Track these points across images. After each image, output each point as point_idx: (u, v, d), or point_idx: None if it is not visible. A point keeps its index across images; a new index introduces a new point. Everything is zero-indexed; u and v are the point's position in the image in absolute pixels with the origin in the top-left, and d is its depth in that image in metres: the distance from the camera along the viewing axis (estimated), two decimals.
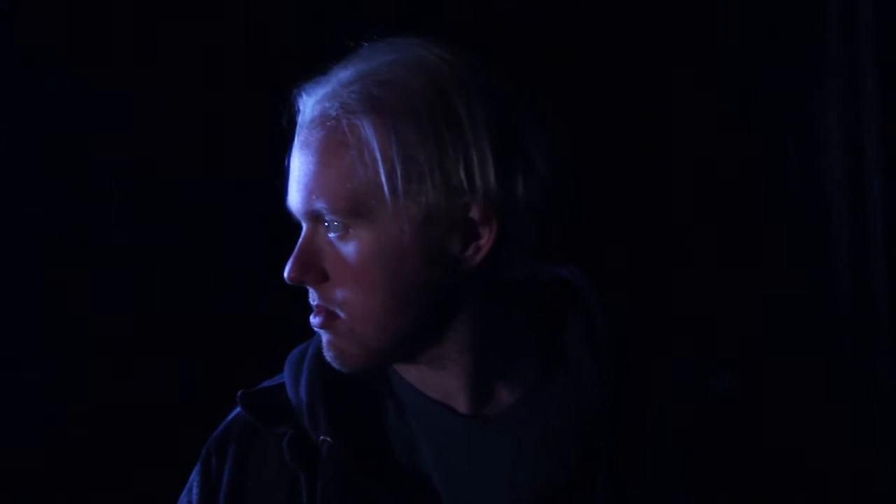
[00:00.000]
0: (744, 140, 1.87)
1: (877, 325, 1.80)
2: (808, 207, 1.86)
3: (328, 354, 1.11)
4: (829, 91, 1.82)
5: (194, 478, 1.20)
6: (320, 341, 1.14)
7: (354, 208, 1.05)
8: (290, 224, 1.12)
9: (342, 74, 1.08)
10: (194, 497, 1.18)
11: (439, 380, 1.13)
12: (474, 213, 1.05)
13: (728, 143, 1.88)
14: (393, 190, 1.04)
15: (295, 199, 1.09)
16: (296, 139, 1.10)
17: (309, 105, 1.09)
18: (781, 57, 1.85)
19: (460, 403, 1.14)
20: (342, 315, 1.08)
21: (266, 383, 1.21)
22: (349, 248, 1.06)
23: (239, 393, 1.17)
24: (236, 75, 1.81)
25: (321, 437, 1.13)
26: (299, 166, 1.09)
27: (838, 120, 1.80)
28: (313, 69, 1.11)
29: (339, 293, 1.08)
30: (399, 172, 1.03)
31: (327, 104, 1.07)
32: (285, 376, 1.19)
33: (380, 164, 1.03)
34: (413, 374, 1.15)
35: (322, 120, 1.07)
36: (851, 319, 1.83)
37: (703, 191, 1.87)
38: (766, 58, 1.85)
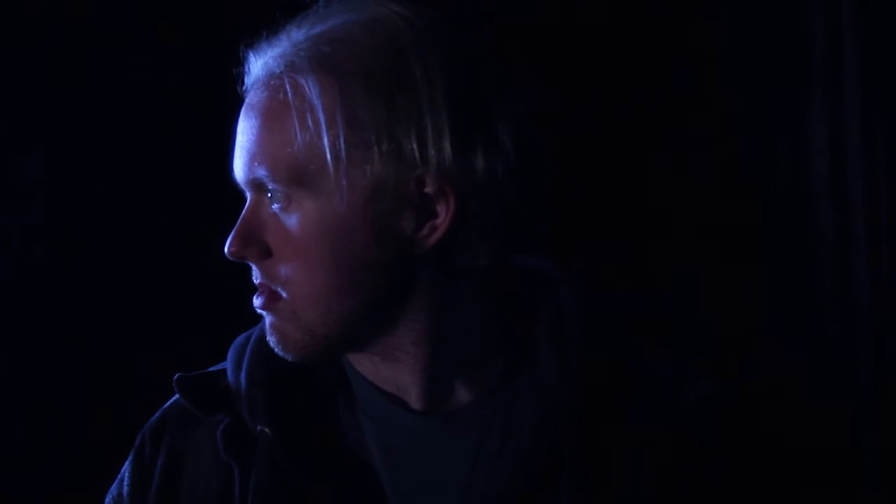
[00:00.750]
0: (735, 140, 1.88)
1: (859, 321, 1.80)
2: (795, 206, 1.86)
3: (271, 339, 1.02)
4: (814, 96, 1.85)
5: (126, 469, 1.11)
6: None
7: (296, 176, 0.96)
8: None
9: (294, 33, 1.00)
10: (125, 489, 1.10)
11: (392, 372, 1.04)
12: (429, 188, 0.96)
13: (719, 143, 1.88)
14: (336, 157, 0.94)
15: (238, 166, 1.01)
16: (242, 107, 1.02)
17: (257, 65, 1.01)
18: (771, 62, 1.88)
19: (413, 399, 1.04)
20: (285, 295, 0.99)
21: (210, 369, 1.12)
22: (292, 221, 0.97)
23: (176, 376, 1.08)
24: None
25: (258, 427, 1.04)
26: (243, 131, 1.00)
27: (826, 124, 1.84)
28: (265, 28, 1.02)
29: (282, 270, 0.99)
30: (343, 138, 0.94)
31: (273, 63, 0.98)
32: (227, 361, 1.10)
33: (323, 127, 0.94)
34: (365, 365, 1.06)
35: (266, 80, 0.98)
36: (834, 316, 1.83)
37: (689, 186, 1.86)
38: (757, 63, 1.88)
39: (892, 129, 1.77)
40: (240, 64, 1.03)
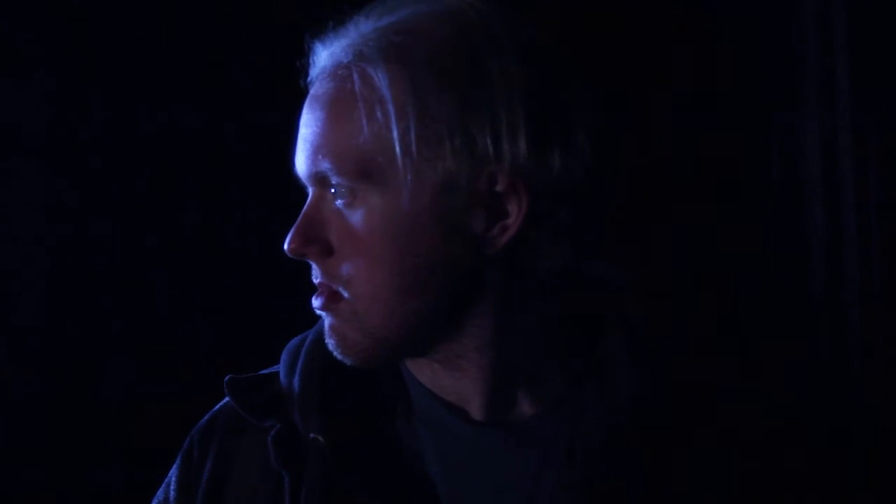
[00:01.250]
0: (732, 140, 1.92)
1: (848, 318, 1.84)
2: (789, 201, 1.91)
3: (330, 342, 0.98)
4: (808, 97, 1.89)
5: (173, 472, 1.07)
6: (322, 329, 1.01)
7: (363, 170, 0.92)
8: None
9: (362, 24, 0.96)
10: (171, 494, 1.05)
11: (453, 381, 0.99)
12: (501, 186, 0.92)
13: (717, 143, 1.91)
14: (406, 150, 0.90)
15: (300, 160, 0.97)
16: (307, 99, 0.98)
17: (323, 56, 0.97)
18: (767, 65, 1.93)
19: (475, 409, 0.99)
20: (346, 295, 0.95)
21: (262, 372, 1.07)
22: (356, 217, 0.93)
23: (227, 378, 1.04)
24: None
25: (311, 435, 0.99)
26: (306, 123, 0.96)
27: (818, 124, 1.90)
28: (333, 20, 0.99)
29: (344, 269, 0.94)
30: (414, 131, 0.90)
31: (340, 53, 0.94)
32: (281, 364, 1.05)
33: (392, 119, 0.90)
34: (425, 373, 1.01)
35: (333, 70, 0.94)
36: (825, 313, 1.87)
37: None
38: (756, 65, 1.93)
39: (882, 131, 1.82)
40: (304, 56, 1.00)
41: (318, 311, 0.98)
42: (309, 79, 0.98)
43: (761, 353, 1.70)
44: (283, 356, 1.06)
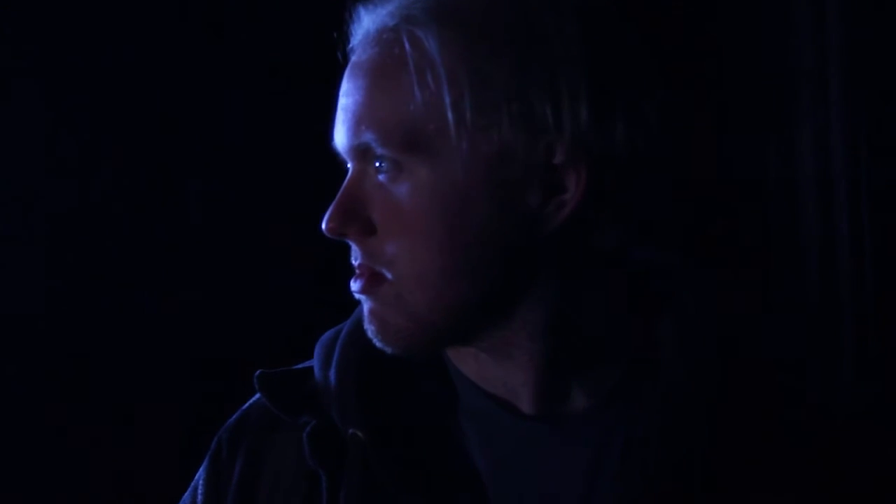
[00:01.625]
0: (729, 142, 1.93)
1: (841, 323, 1.85)
2: (784, 206, 1.92)
3: (370, 328, 0.91)
4: (801, 102, 1.90)
5: (200, 475, 1.00)
6: (360, 318, 0.94)
7: (411, 140, 0.85)
8: None
9: None
10: (199, 498, 0.98)
11: (501, 371, 0.92)
12: (559, 158, 0.85)
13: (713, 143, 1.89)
14: (460, 120, 0.83)
15: (341, 132, 0.90)
16: (347, 68, 0.91)
17: (366, 21, 0.90)
18: (762, 66, 1.94)
19: (524, 402, 0.92)
20: (389, 276, 0.88)
21: (293, 367, 1.00)
22: (401, 191, 0.86)
23: (257, 373, 0.97)
24: None
25: (350, 431, 0.92)
26: (348, 92, 0.89)
27: (810, 128, 1.90)
28: None
29: (388, 248, 0.87)
30: (469, 98, 0.83)
31: (387, 17, 0.87)
32: (315, 358, 0.98)
33: (445, 85, 0.83)
34: (470, 364, 0.94)
35: (378, 35, 0.87)
36: (819, 319, 1.87)
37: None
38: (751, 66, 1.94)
39: (874, 133, 1.82)
40: (342, 25, 0.93)
41: (357, 295, 0.91)
42: (350, 46, 0.91)
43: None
44: (317, 350, 0.99)
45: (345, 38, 0.92)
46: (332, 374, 0.95)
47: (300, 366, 1.00)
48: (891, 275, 1.81)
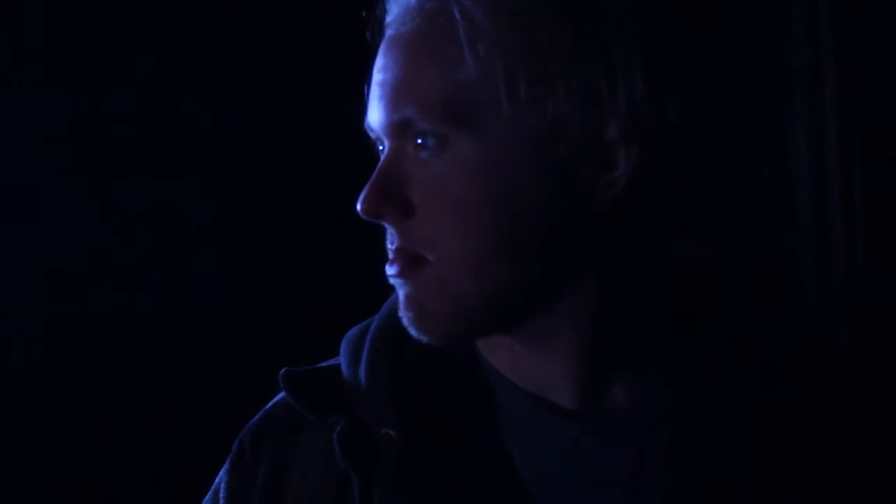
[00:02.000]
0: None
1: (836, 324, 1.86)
2: (780, 204, 1.93)
3: (406, 315, 0.85)
4: (796, 103, 1.90)
5: (221, 478, 0.94)
6: (391, 310, 0.89)
7: (457, 113, 0.80)
8: None
9: None
10: (221, 502, 0.92)
11: (538, 364, 0.87)
12: (611, 133, 0.81)
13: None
14: (512, 92, 0.79)
15: (377, 108, 0.85)
16: (382, 44, 0.86)
17: None
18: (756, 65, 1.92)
19: (563, 396, 0.87)
20: (430, 258, 0.83)
21: (318, 365, 0.95)
22: (444, 168, 0.81)
23: (282, 371, 0.91)
24: None
25: (383, 430, 0.86)
26: (385, 67, 0.84)
27: (805, 129, 1.92)
28: None
29: (429, 229, 0.82)
30: (521, 69, 0.79)
31: None
32: (342, 356, 0.93)
33: (496, 56, 0.79)
34: (502, 356, 0.89)
35: (420, 5, 0.83)
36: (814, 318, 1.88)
37: None
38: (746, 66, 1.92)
39: (868, 132, 1.84)
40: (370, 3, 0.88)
41: (394, 280, 0.85)
42: (388, 20, 0.86)
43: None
44: (344, 347, 0.94)
45: (377, 16, 0.88)
46: (361, 371, 0.90)
47: (325, 363, 0.94)
48: (884, 274, 1.80)
